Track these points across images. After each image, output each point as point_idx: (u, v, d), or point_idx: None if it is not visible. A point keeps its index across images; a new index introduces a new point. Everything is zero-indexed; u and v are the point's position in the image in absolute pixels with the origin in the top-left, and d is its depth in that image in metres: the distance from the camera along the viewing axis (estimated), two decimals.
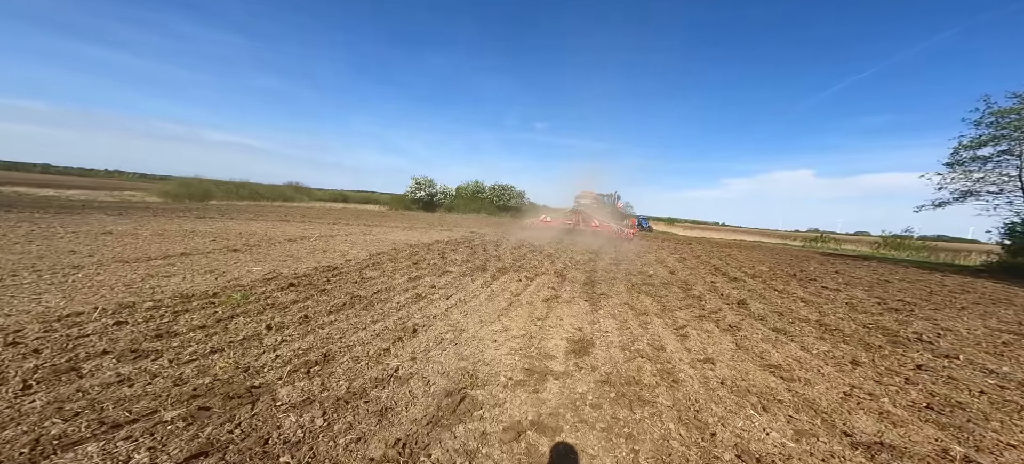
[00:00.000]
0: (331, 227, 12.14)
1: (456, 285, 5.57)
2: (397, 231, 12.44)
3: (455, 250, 8.82)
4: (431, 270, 6.38)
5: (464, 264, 7.13)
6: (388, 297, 4.65)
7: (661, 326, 4.29)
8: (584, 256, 9.55)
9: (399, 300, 4.57)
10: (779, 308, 5.27)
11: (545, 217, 18.99)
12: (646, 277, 7.22)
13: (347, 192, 59.45)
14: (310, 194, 44.75)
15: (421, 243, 9.61)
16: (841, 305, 5.73)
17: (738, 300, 5.58)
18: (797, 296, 6.20)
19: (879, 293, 7.05)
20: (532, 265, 7.61)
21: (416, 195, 34.48)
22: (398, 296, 4.73)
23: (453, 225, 17.95)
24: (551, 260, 8.46)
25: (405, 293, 4.89)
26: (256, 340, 3.06)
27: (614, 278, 6.89)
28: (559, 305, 5.00)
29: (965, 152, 14.33)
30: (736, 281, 7.43)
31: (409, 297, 4.74)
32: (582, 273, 7.18)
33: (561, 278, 6.62)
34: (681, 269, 8.62)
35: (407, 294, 4.85)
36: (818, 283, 7.81)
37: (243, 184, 36.27)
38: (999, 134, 13.55)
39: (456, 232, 13.86)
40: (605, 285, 6.29)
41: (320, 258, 6.59)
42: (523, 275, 6.62)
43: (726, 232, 45.26)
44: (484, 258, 7.99)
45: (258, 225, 11.03)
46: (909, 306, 5.95)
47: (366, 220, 16.75)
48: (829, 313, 5.15)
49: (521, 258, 8.42)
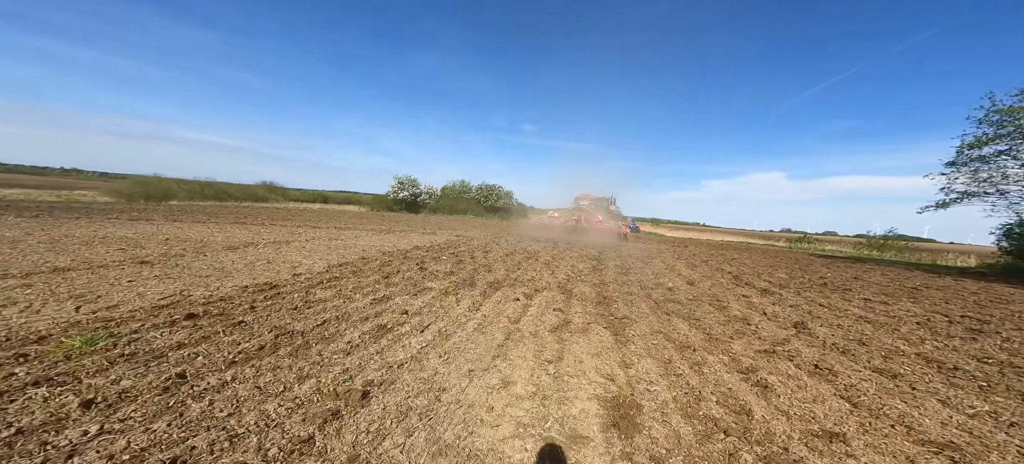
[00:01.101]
0: (293, 231, 10.52)
1: (436, 309, 4.23)
2: (372, 235, 10.93)
3: (437, 259, 7.44)
4: (404, 287, 5.01)
5: (447, 277, 5.78)
6: (336, 332, 3.27)
7: (721, 368, 3.09)
8: (586, 264, 8.34)
9: (352, 337, 3.20)
10: (848, 333, 4.18)
11: (553, 213, 21.02)
12: (666, 291, 6.06)
13: (327, 192, 57.06)
14: (285, 194, 42.32)
15: (397, 250, 8.18)
16: (911, 325, 4.71)
17: (794, 322, 4.47)
18: (852, 313, 5.16)
19: (929, 306, 6.13)
20: (529, 277, 6.33)
21: (399, 195, 32.69)
22: (352, 330, 3.36)
23: (437, 228, 16.49)
24: (551, 270, 7.21)
25: (363, 325, 3.51)
26: (38, 435, 1.66)
27: (630, 294, 5.70)
28: (573, 336, 3.74)
29: (969, 151, 13.98)
30: (767, 293, 6.38)
31: (368, 331, 3.37)
32: (590, 287, 5.95)
33: (567, 295, 5.37)
34: (698, 278, 7.53)
35: (366, 326, 3.48)
36: (854, 294, 6.86)
37: (209, 183, 33.76)
38: (1001, 133, 13.23)
39: (440, 236, 12.45)
40: (622, 303, 5.07)
41: (259, 272, 5.10)
42: (520, 291, 5.33)
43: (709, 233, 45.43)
44: (472, 268, 6.66)
45: (201, 229, 9.31)
46: (983, 322, 4.99)
47: (340, 222, 15.09)
48: (914, 339, 4.09)
49: (515, 268, 7.14)
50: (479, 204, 38.62)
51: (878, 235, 26.62)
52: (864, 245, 26.61)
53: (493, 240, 12.28)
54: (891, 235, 26.16)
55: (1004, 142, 13.28)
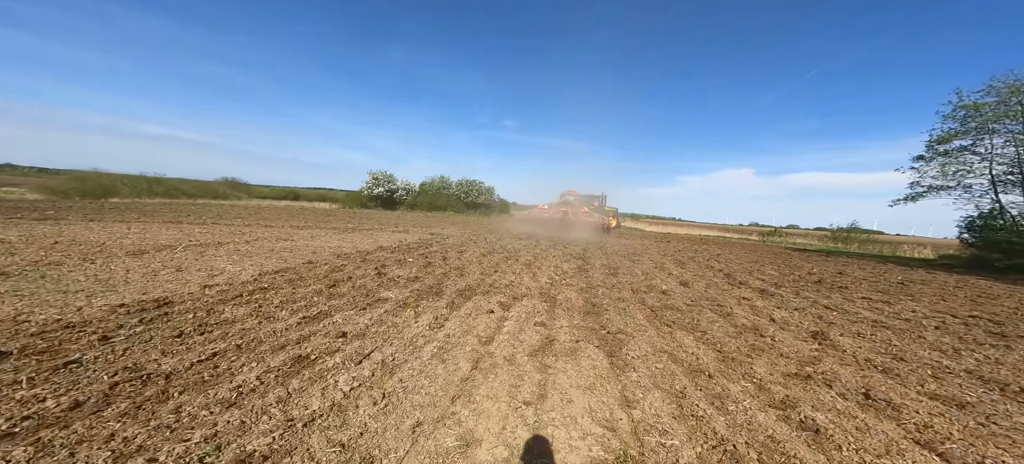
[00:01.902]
0: (238, 230, 9.19)
1: (385, 329, 3.32)
2: (333, 234, 9.75)
3: (402, 261, 6.47)
4: (352, 299, 4.05)
5: (409, 285, 4.84)
6: (227, 370, 2.31)
7: (751, 402, 2.37)
8: (572, 264, 7.61)
9: (247, 378, 2.25)
10: (875, 344, 3.61)
11: (543, 206, 22.13)
12: (660, 295, 5.39)
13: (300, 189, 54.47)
14: (249, 191, 39.60)
15: (358, 251, 7.13)
16: (930, 329, 4.23)
17: (811, 332, 3.86)
18: (863, 317, 4.65)
19: (929, 304, 5.78)
20: (507, 282, 5.50)
21: (373, 192, 31.01)
22: (254, 366, 2.40)
23: (412, 225, 15.37)
24: (532, 272, 6.41)
25: (274, 356, 2.56)
26: None
27: (622, 300, 4.98)
28: (559, 362, 2.94)
29: (937, 146, 14.35)
30: (766, 294, 5.85)
31: (278, 366, 2.43)
32: (577, 292, 5.19)
33: (551, 303, 4.58)
34: (690, 278, 6.95)
35: (277, 359, 2.53)
36: (851, 292, 6.47)
37: (159, 179, 30.96)
38: (965, 129, 13.62)
39: (412, 234, 11.40)
40: (615, 311, 4.33)
41: (157, 284, 3.99)
42: (496, 300, 4.49)
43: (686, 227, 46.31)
44: (441, 273, 5.75)
45: (118, 229, 7.86)
46: (998, 324, 4.61)
47: (301, 220, 13.69)
48: (946, 349, 3.56)
49: (492, 270, 6.29)
50: (459, 200, 37.47)
51: (843, 228, 27.83)
52: (830, 238, 27.79)
53: (471, 238, 11.37)
54: (854, 228, 27.47)
55: (968, 137, 13.72)
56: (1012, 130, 12.80)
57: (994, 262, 12.73)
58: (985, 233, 14.33)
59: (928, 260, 16.79)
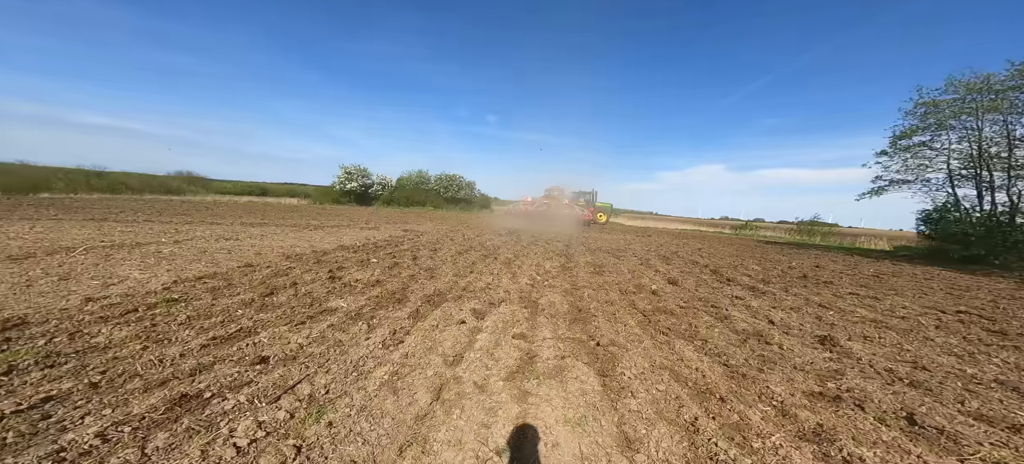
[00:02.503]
0: (177, 227, 8.05)
1: (325, 349, 2.63)
2: (291, 232, 8.77)
3: (365, 262, 5.71)
4: (291, 310, 3.32)
5: (367, 291, 4.13)
6: (60, 422, 1.57)
7: (779, 435, 1.90)
8: (555, 263, 7.09)
9: (83, 434, 1.53)
10: (888, 349, 3.27)
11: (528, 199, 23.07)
12: (650, 296, 4.95)
13: (268, 184, 51.77)
14: (208, 186, 36.89)
15: (315, 251, 6.29)
16: (930, 329, 4.00)
17: (818, 337, 3.50)
18: (861, 316, 4.39)
19: (914, 299, 5.69)
20: (484, 285, 4.89)
21: (346, 186, 29.41)
22: (107, 411, 1.68)
23: (385, 221, 14.40)
24: (511, 272, 5.83)
25: (147, 396, 1.84)
26: None
27: (610, 303, 4.49)
28: (542, 387, 2.38)
29: (900, 142, 14.92)
30: (756, 292, 5.56)
31: (146, 411, 1.72)
32: (561, 295, 4.66)
33: (532, 309, 4.01)
34: (678, 275, 6.61)
35: (149, 400, 1.81)
36: (837, 287, 6.33)
37: (101, 173, 28.16)
38: (925, 125, 14.21)
39: (384, 231, 10.54)
40: (604, 317, 3.83)
41: (27, 297, 3.09)
42: (470, 307, 3.87)
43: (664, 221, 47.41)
44: (408, 275, 5.06)
45: (10, 228, 6.59)
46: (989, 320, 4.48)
47: (258, 217, 12.47)
48: (961, 354, 3.28)
49: (467, 271, 5.66)
50: (439, 195, 36.40)
51: (806, 221, 29.28)
52: (795, 231, 29.18)
53: (448, 235, 10.64)
54: (816, 221, 29.00)
55: (927, 133, 14.35)
56: (967, 126, 13.46)
57: (951, 253, 13.45)
58: (941, 226, 15.16)
59: (887, 251, 17.60)
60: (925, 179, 14.81)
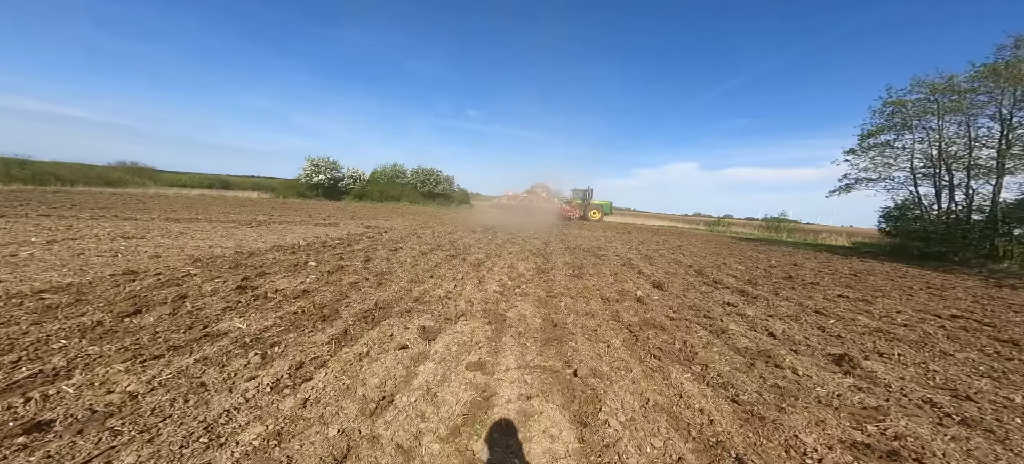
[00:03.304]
0: (69, 223, 6.69)
1: (174, 398, 1.77)
2: (227, 229, 7.57)
3: (300, 266, 4.77)
4: (156, 334, 2.40)
5: (284, 305, 3.24)
6: None
7: None
8: (530, 264, 6.39)
9: None
10: (914, 372, 2.78)
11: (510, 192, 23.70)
12: (635, 303, 4.35)
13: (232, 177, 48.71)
14: (156, 177, 33.79)
15: (240, 253, 5.26)
16: (942, 340, 3.61)
17: (830, 356, 2.98)
18: (862, 325, 3.97)
19: (903, 300, 5.44)
20: (442, 294, 4.10)
21: (313, 179, 27.46)
22: None
23: (351, 217, 13.21)
24: (478, 276, 5.07)
25: None
26: None
27: (590, 312, 3.83)
28: (497, 449, 1.66)
29: (867, 140, 15.30)
30: (747, 296, 5.10)
31: None
32: (535, 305, 3.95)
33: (498, 324, 3.28)
34: (663, 278, 6.09)
35: None
36: (826, 289, 6.02)
37: (24, 162, 25.13)
38: (890, 124, 14.61)
39: (344, 227, 9.48)
40: (583, 335, 3.15)
41: None
42: (418, 324, 3.08)
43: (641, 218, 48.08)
44: (350, 283, 4.18)
45: None
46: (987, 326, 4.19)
47: (196, 212, 11.00)
48: (996, 375, 2.86)
49: (427, 275, 4.84)
50: (415, 190, 34.97)
51: (774, 218, 30.51)
52: (764, 227, 30.31)
53: (416, 232, 9.72)
54: (783, 218, 30.30)
55: (893, 132, 14.78)
56: (928, 127, 13.93)
57: (911, 250, 13.96)
58: (901, 223, 15.78)
59: (849, 248, 18.23)
60: (889, 178, 15.31)
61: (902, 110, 14.09)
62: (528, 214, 20.33)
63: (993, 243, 11.49)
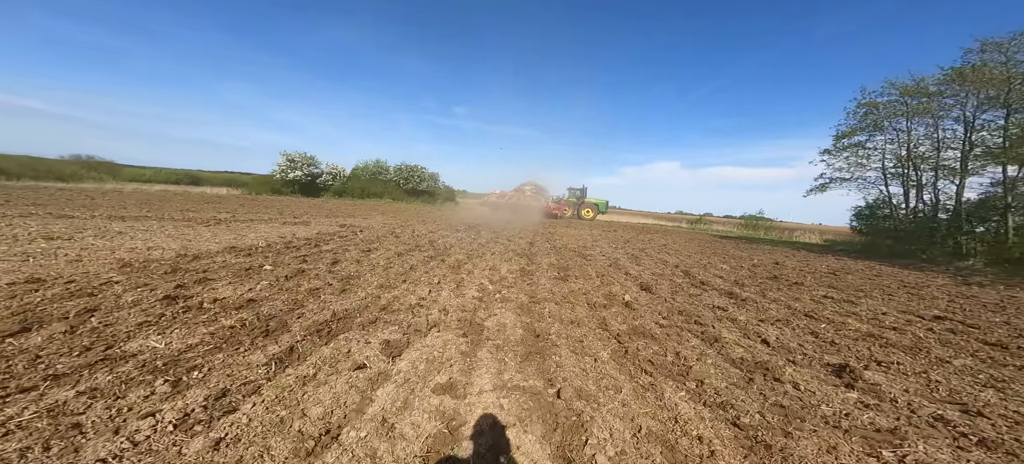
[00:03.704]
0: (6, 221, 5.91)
1: (30, 445, 1.34)
2: (178, 228, 6.89)
3: (251, 272, 4.27)
4: (38, 357, 1.93)
5: (221, 317, 2.79)
6: None
7: None
8: (513, 266, 6.08)
9: None
10: (916, 383, 2.61)
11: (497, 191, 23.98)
12: (623, 308, 4.10)
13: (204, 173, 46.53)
14: (117, 172, 31.70)
15: (182, 256, 4.70)
16: (935, 345, 3.52)
17: (829, 366, 2.79)
18: (853, 330, 3.85)
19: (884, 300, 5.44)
20: (415, 301, 3.72)
21: (288, 176, 26.20)
22: None
23: (326, 214, 12.52)
24: (457, 279, 4.71)
25: None
26: None
27: (576, 320, 3.54)
28: None
29: (841, 141, 15.72)
30: (735, 299, 4.96)
31: None
32: (516, 312, 3.63)
33: (474, 336, 2.94)
34: (650, 279, 5.90)
35: None
36: (811, 289, 5.98)
37: None
38: (863, 125, 15.06)
39: (316, 226, 8.88)
40: (568, 348, 2.86)
41: None
42: (382, 337, 2.71)
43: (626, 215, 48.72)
44: (308, 290, 3.74)
45: None
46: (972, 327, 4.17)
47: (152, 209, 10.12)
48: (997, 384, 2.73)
49: (399, 279, 4.44)
50: (398, 186, 34.08)
51: (753, 216, 31.54)
52: (743, 225, 31.28)
53: (394, 231, 9.23)
54: (761, 217, 31.39)
55: (866, 133, 15.27)
56: (897, 128, 14.44)
57: (881, 247, 14.48)
58: (872, 222, 16.38)
59: (822, 245, 18.81)
60: (862, 177, 15.82)
61: (874, 111, 14.56)
62: (515, 212, 20.82)
63: (957, 241, 12.00)
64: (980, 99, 11.75)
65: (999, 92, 10.97)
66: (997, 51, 10.75)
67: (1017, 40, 10.41)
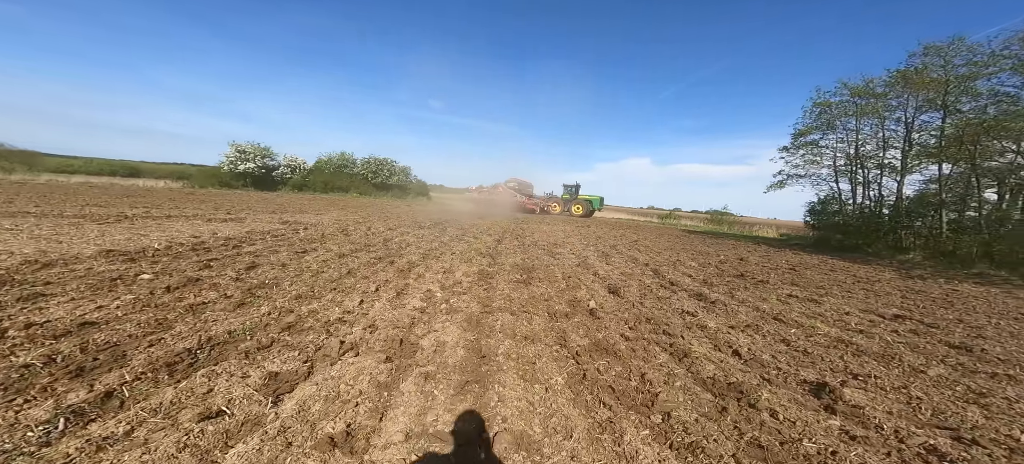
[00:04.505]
0: None
1: None
2: (62, 226, 5.69)
3: (123, 281, 3.42)
4: None
5: (15, 354, 2.03)
6: None
7: None
8: (474, 267, 5.52)
9: None
10: (894, 401, 2.33)
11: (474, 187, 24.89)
12: (587, 317, 3.67)
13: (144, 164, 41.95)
14: (35, 162, 27.79)
15: (35, 261, 3.73)
16: (906, 352, 3.37)
17: (806, 384, 2.48)
18: (824, 336, 3.66)
19: (845, 297, 5.44)
20: (340, 313, 3.07)
21: (238, 168, 23.93)
22: None
23: (277, 210, 11.29)
24: (402, 283, 4.08)
25: None
26: None
27: (530, 335, 3.06)
28: None
29: (798, 139, 16.41)
30: (704, 301, 4.71)
31: None
32: (462, 327, 3.08)
33: (400, 360, 2.35)
34: (618, 279, 5.57)
35: None
36: (771, 287, 5.91)
37: None
38: (817, 124, 15.78)
39: (255, 222, 7.84)
40: (516, 371, 2.36)
41: None
42: (269, 367, 2.06)
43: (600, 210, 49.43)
44: (193, 303, 2.97)
45: None
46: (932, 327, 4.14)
47: (41, 202, 8.57)
48: (976, 396, 2.54)
49: (331, 284, 3.75)
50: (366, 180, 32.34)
51: (718, 211, 33.12)
52: (709, 220, 32.78)
53: (346, 228, 8.36)
54: (725, 212, 33.04)
55: (819, 132, 16.03)
56: (847, 127, 15.24)
57: (832, 241, 15.32)
58: (823, 217, 17.35)
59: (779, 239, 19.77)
60: (817, 174, 16.65)
61: (828, 111, 15.27)
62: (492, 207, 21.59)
63: (899, 235, 12.85)
64: (920, 101, 12.54)
65: (937, 94, 11.71)
66: (937, 55, 11.44)
67: (954, 45, 11.10)
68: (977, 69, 10.70)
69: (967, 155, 11.01)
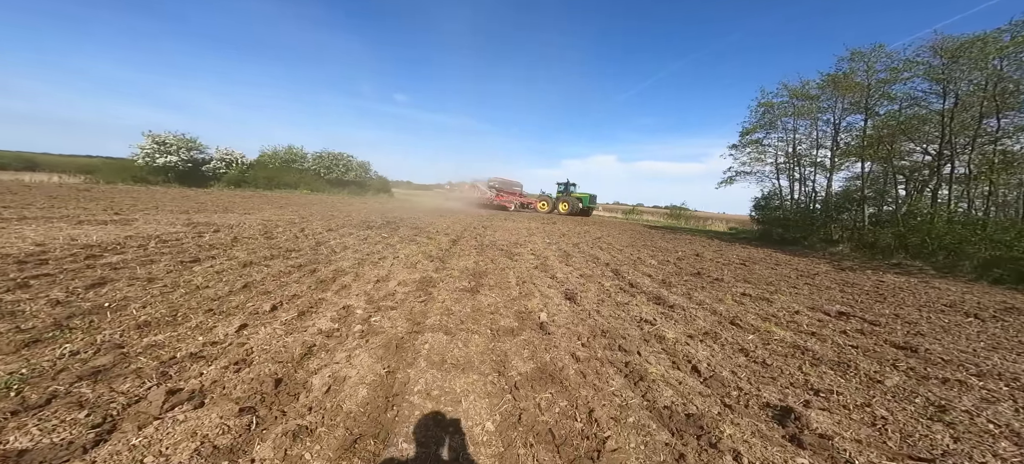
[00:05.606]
0: None
1: None
2: None
3: None
4: None
5: None
6: None
7: None
8: (418, 273, 4.85)
9: None
10: (868, 428, 2.09)
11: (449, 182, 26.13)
12: (535, 333, 3.20)
13: (46, 156, 36.15)
14: None
15: None
16: (860, 356, 3.28)
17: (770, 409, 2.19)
18: (780, 342, 3.51)
19: (794, 293, 5.52)
20: (200, 344, 2.31)
21: (155, 161, 20.77)
22: None
23: (189, 209, 9.67)
24: (315, 298, 3.34)
25: None
26: None
27: (464, 362, 2.51)
28: None
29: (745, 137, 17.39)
30: (662, 304, 4.47)
31: None
32: (374, 356, 2.45)
33: (268, 411, 1.68)
34: (578, 283, 5.21)
35: None
36: (727, 286, 5.89)
37: None
38: (761, 123, 16.81)
39: (148, 224, 6.50)
40: (434, 429, 1.80)
41: None
42: (19, 444, 1.33)
43: None
44: None
45: None
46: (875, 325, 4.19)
47: None
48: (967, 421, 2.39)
49: (214, 302, 2.93)
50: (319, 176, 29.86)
51: (677, 206, 35.08)
52: (668, 215, 34.61)
53: (273, 229, 7.26)
54: (683, 207, 35.07)
55: (763, 130, 17.11)
56: (786, 127, 16.38)
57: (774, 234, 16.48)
58: (766, 212, 18.66)
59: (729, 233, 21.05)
60: (761, 171, 17.80)
61: (770, 111, 16.32)
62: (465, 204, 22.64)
63: (829, 228, 14.02)
64: (846, 103, 13.69)
65: (861, 97, 12.81)
66: (861, 61, 12.47)
67: (876, 51, 12.16)
68: (894, 75, 11.79)
69: (885, 153, 12.17)
